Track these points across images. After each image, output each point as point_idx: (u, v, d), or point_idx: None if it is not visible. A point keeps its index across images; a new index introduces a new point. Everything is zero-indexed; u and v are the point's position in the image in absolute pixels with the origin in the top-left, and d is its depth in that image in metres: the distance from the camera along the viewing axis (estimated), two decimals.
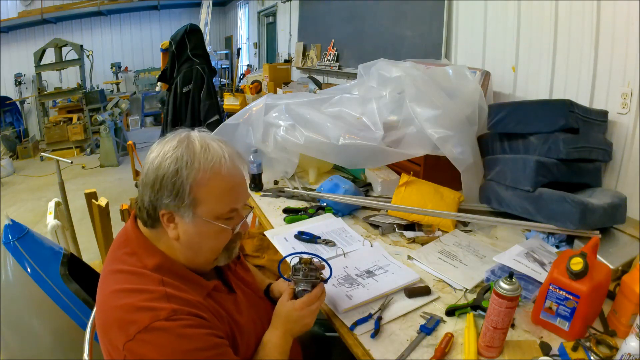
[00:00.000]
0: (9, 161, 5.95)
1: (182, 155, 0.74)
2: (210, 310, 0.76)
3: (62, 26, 8.05)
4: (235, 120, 1.92)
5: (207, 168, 0.75)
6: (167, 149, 0.76)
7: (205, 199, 0.76)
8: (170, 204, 0.75)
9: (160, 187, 0.74)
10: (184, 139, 0.77)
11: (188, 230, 0.77)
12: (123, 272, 0.76)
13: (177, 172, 0.73)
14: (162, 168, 0.74)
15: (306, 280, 0.94)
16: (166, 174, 0.74)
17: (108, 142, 5.86)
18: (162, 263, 0.77)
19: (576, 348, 0.83)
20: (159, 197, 0.75)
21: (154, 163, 0.76)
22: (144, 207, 0.78)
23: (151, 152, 0.78)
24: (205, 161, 0.75)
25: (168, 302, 0.70)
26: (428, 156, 1.57)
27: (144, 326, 0.66)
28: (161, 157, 0.75)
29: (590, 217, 1.18)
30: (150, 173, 0.75)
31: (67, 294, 1.48)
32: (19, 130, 7.19)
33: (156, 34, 8.92)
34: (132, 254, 0.78)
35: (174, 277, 0.75)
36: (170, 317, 0.68)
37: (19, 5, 7.51)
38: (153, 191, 0.75)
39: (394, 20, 2.94)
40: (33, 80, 7.39)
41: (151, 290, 0.71)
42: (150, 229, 0.80)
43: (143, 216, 0.79)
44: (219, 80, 7.61)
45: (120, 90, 8.47)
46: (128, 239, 0.81)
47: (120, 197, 4.48)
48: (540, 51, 1.71)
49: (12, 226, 1.56)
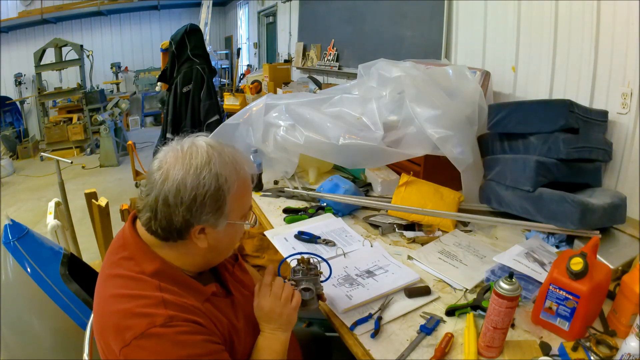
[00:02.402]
0: (9, 161, 5.95)
1: (221, 172, 0.74)
2: (207, 315, 0.75)
3: (62, 26, 8.05)
4: (235, 120, 1.92)
5: (240, 179, 0.78)
6: (199, 165, 0.73)
7: (236, 206, 0.79)
8: (210, 219, 0.75)
9: (201, 205, 0.73)
10: (211, 152, 0.75)
11: (217, 236, 0.78)
12: (120, 276, 0.75)
13: (219, 189, 0.74)
14: (202, 187, 0.72)
15: (306, 279, 0.94)
16: (208, 192, 0.73)
17: (108, 142, 5.86)
18: (160, 269, 0.76)
19: (576, 348, 0.83)
20: (197, 215, 0.73)
21: (185, 182, 0.72)
22: (172, 226, 0.74)
23: (169, 168, 0.73)
24: (237, 173, 0.77)
25: (165, 308, 0.69)
26: (428, 156, 1.57)
27: (140, 332, 0.67)
28: (194, 174, 0.72)
29: (590, 217, 1.18)
30: (185, 192, 0.72)
31: (67, 294, 1.48)
32: (19, 130, 7.19)
33: (156, 34, 8.92)
34: (130, 259, 0.77)
35: (171, 283, 0.75)
36: (166, 324, 0.67)
37: (19, 5, 7.51)
38: (190, 211, 0.72)
39: (394, 20, 2.94)
40: (33, 80, 7.39)
41: (148, 296, 0.71)
42: (163, 241, 0.77)
43: (161, 233, 0.75)
44: (219, 80, 7.60)
45: (120, 90, 8.47)
46: (125, 243, 0.80)
47: (120, 197, 4.48)
48: (540, 51, 1.71)
49: (12, 226, 1.56)
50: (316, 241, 1.34)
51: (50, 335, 1.50)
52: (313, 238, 1.35)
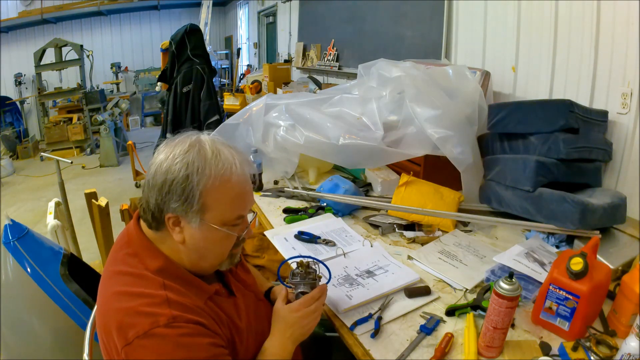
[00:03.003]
0: (9, 161, 5.95)
1: (193, 161, 0.73)
2: (210, 315, 0.75)
3: (62, 26, 8.05)
4: (235, 120, 1.92)
5: (217, 175, 0.74)
6: (177, 153, 0.74)
7: (213, 206, 0.75)
8: (178, 208, 0.74)
9: (168, 190, 0.73)
10: (195, 143, 0.76)
11: (194, 235, 0.76)
12: (124, 273, 0.75)
13: (187, 177, 0.72)
14: (172, 172, 0.73)
15: (304, 282, 0.92)
16: (176, 179, 0.72)
17: (108, 142, 5.86)
18: (164, 266, 0.76)
19: (576, 348, 0.83)
20: (167, 201, 0.74)
21: (162, 166, 0.74)
22: (149, 209, 0.76)
23: (159, 153, 0.76)
24: (216, 168, 0.74)
25: (169, 307, 0.69)
26: (428, 156, 1.57)
27: (143, 332, 0.66)
28: (170, 160, 0.74)
29: (590, 217, 1.18)
30: (159, 176, 0.74)
31: (67, 294, 1.48)
32: (19, 130, 7.19)
33: (156, 34, 8.92)
34: (134, 255, 0.77)
35: (175, 281, 0.75)
36: (169, 324, 0.67)
37: (19, 5, 7.51)
38: (160, 194, 0.74)
39: (394, 20, 2.94)
40: (33, 80, 7.39)
41: (152, 294, 0.71)
42: (154, 231, 0.79)
43: (147, 218, 0.78)
44: (219, 80, 7.60)
45: (120, 90, 8.47)
46: (130, 240, 0.80)
47: (120, 197, 4.48)
48: (540, 51, 1.71)
49: (12, 226, 1.56)
50: (316, 241, 1.34)
51: (50, 335, 1.50)
52: (313, 238, 1.35)
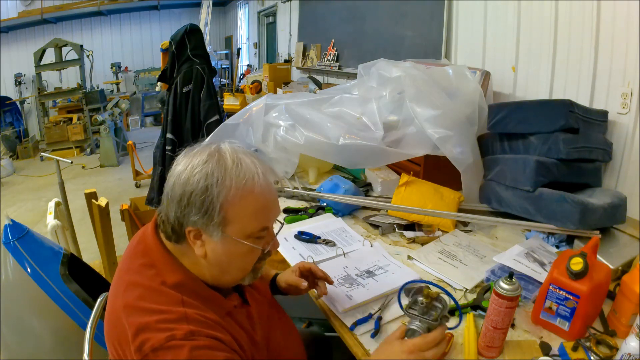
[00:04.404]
0: (9, 161, 5.95)
1: (212, 171, 0.70)
2: (229, 331, 0.73)
3: (62, 26, 8.05)
4: (235, 120, 1.92)
5: (239, 186, 0.70)
6: (196, 163, 0.71)
7: (235, 218, 0.71)
8: (198, 221, 0.70)
9: (187, 203, 0.70)
10: (214, 152, 0.72)
11: (216, 248, 0.73)
12: (140, 285, 0.72)
13: (206, 189, 0.69)
14: (191, 184, 0.69)
15: (422, 319, 0.76)
16: (195, 190, 0.69)
17: (108, 142, 5.87)
18: (183, 281, 0.73)
19: (576, 348, 0.83)
20: (186, 214, 0.70)
21: (180, 177, 0.71)
22: (168, 221, 0.73)
23: (177, 164, 0.73)
24: (237, 178, 0.70)
25: (187, 323, 0.66)
26: (428, 156, 1.57)
27: (159, 344, 0.64)
28: (189, 171, 0.70)
29: (590, 217, 1.18)
30: (177, 188, 0.71)
31: (67, 294, 1.48)
32: (19, 130, 7.19)
33: (156, 34, 8.92)
34: (151, 267, 0.74)
35: (193, 296, 0.72)
36: (187, 337, 0.65)
37: (19, 5, 7.51)
38: (180, 207, 0.70)
39: (394, 20, 2.94)
40: (33, 80, 7.40)
41: (170, 310, 0.68)
42: (174, 243, 0.75)
43: (167, 230, 0.74)
44: (219, 80, 7.61)
45: (120, 90, 8.47)
46: (148, 250, 0.76)
47: (120, 197, 4.48)
48: (540, 51, 1.71)
49: (12, 226, 1.56)
50: (316, 241, 1.34)
51: (50, 335, 1.50)
52: (313, 238, 1.35)
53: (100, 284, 1.80)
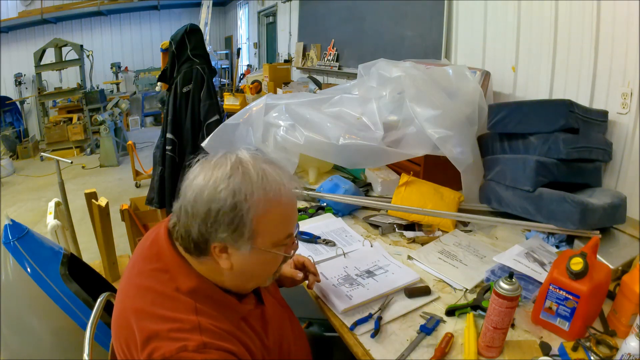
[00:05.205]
0: (9, 161, 5.95)
1: (240, 188, 0.67)
2: (242, 340, 0.71)
3: (62, 26, 8.05)
4: (235, 120, 1.92)
5: (267, 199, 0.69)
6: (219, 177, 0.68)
7: (264, 231, 0.71)
8: (227, 238, 0.69)
9: (215, 220, 0.67)
10: (237, 164, 0.70)
11: (242, 260, 0.72)
12: (152, 290, 0.71)
13: (235, 206, 0.67)
14: (217, 201, 0.67)
15: None
16: (222, 208, 0.67)
17: (108, 142, 5.87)
18: (197, 286, 0.71)
19: (576, 348, 0.83)
20: (213, 231, 0.68)
21: (203, 193, 0.68)
22: (190, 237, 0.70)
23: (195, 175, 0.70)
24: (265, 192, 0.69)
25: (200, 334, 0.65)
26: (428, 156, 1.57)
27: (170, 354, 0.63)
28: (212, 186, 0.67)
29: (590, 217, 1.18)
30: (200, 205, 0.68)
31: (67, 294, 1.48)
32: (19, 130, 7.19)
33: (156, 34, 8.92)
34: (165, 272, 0.72)
35: (208, 302, 0.71)
36: (199, 350, 0.63)
37: (19, 5, 7.51)
38: (205, 224, 0.68)
39: (394, 20, 2.94)
40: (33, 80, 7.39)
41: (183, 319, 0.66)
42: (194, 256, 0.73)
43: (189, 246, 0.72)
44: (219, 80, 7.61)
45: (120, 90, 8.47)
46: (161, 254, 0.74)
47: (120, 197, 4.48)
48: (540, 51, 1.71)
49: (12, 226, 1.56)
50: (316, 241, 1.34)
51: (50, 335, 1.50)
52: (313, 238, 1.35)
53: (100, 284, 1.80)
